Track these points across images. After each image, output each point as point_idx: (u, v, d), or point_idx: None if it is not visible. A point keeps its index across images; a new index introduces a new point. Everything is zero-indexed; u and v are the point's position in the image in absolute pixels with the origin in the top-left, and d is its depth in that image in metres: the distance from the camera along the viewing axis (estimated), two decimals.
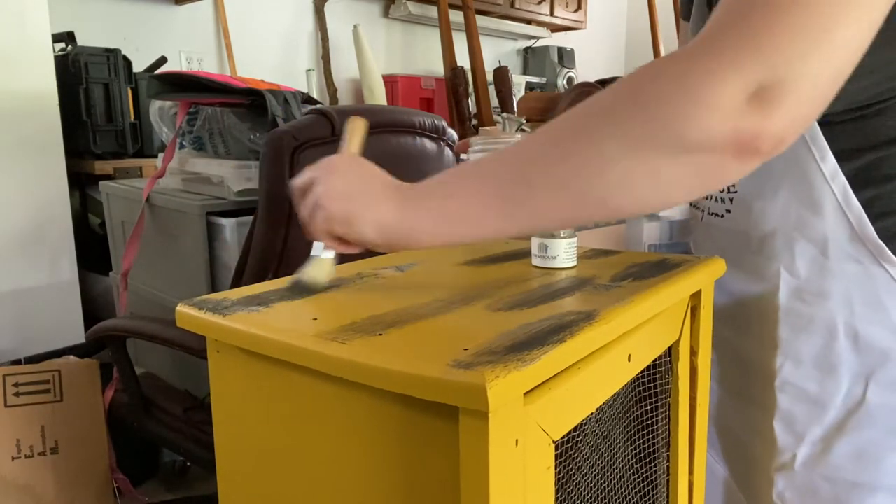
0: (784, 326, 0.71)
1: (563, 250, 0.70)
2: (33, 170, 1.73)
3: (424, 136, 1.36)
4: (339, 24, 3.10)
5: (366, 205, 0.57)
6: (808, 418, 0.71)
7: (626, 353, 0.57)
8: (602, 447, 0.59)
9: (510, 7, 3.56)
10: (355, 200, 0.57)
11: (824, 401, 0.70)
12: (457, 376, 0.40)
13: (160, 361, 1.54)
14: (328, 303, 0.59)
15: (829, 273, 0.68)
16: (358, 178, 0.59)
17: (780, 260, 0.70)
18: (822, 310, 0.69)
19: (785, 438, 0.73)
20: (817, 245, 0.68)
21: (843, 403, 0.70)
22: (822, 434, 0.71)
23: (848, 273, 0.67)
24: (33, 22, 1.69)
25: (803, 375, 0.71)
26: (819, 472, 0.72)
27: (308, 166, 0.62)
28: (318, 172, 0.60)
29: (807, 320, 0.70)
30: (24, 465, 1.38)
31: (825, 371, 0.70)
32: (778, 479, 0.74)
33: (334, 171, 0.60)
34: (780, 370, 0.72)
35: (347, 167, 0.61)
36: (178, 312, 0.57)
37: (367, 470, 0.49)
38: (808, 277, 0.69)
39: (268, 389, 0.55)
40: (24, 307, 1.73)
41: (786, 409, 0.73)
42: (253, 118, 1.45)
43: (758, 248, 0.73)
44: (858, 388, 0.69)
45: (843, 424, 0.70)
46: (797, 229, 0.69)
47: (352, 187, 0.58)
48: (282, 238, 1.15)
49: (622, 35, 4.85)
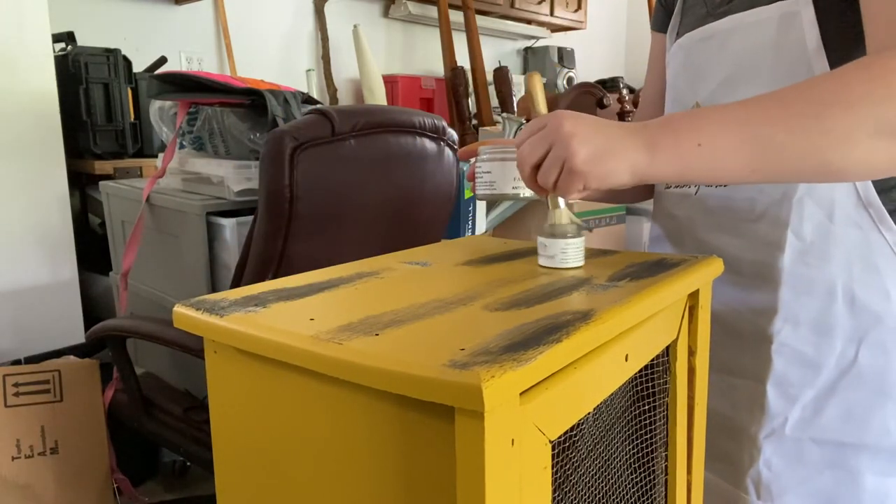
0: (786, 289, 0.74)
1: (572, 250, 0.68)
2: (33, 170, 1.73)
3: (424, 136, 1.36)
4: (339, 24, 3.10)
5: (619, 158, 0.59)
6: (802, 381, 0.75)
7: (624, 352, 0.57)
8: (599, 447, 0.59)
9: (510, 7, 3.56)
10: (608, 158, 0.59)
11: (819, 363, 0.74)
12: (453, 376, 0.40)
13: (160, 361, 1.54)
14: (325, 303, 0.59)
15: (832, 237, 0.72)
16: (598, 135, 0.60)
17: (788, 224, 0.73)
18: (823, 273, 0.72)
19: (777, 403, 0.76)
20: (824, 209, 0.71)
21: (836, 365, 0.73)
22: (814, 396, 0.74)
23: (850, 238, 0.71)
24: (33, 22, 1.70)
25: (800, 338, 0.74)
26: (808, 434, 0.75)
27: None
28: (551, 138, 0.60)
29: (808, 283, 0.73)
30: (24, 465, 1.38)
31: (822, 333, 0.73)
32: (766, 445, 0.77)
33: (573, 135, 0.59)
34: (779, 333, 0.75)
35: (580, 126, 0.60)
36: (175, 313, 0.58)
37: (364, 470, 0.49)
38: (813, 241, 0.72)
39: (265, 390, 0.55)
40: (24, 307, 1.74)
41: (780, 373, 0.75)
42: (253, 118, 1.45)
43: (761, 214, 0.75)
44: (851, 350, 0.72)
45: (835, 386, 0.73)
46: (807, 193, 0.72)
47: (598, 145, 0.59)
48: (282, 238, 1.15)
49: (622, 35, 4.85)
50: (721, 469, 0.81)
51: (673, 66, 0.89)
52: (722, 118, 0.60)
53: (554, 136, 0.60)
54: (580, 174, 0.59)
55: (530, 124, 0.64)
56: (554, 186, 0.62)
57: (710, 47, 0.81)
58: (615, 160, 0.59)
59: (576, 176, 0.60)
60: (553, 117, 0.62)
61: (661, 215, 0.90)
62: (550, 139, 0.61)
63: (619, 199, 1.02)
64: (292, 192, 1.13)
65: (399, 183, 1.33)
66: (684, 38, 0.86)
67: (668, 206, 0.88)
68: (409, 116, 1.33)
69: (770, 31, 0.73)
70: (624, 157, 0.59)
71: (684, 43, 0.86)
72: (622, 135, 0.60)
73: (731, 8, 0.78)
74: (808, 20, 0.70)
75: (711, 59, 0.81)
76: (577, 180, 0.60)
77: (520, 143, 0.64)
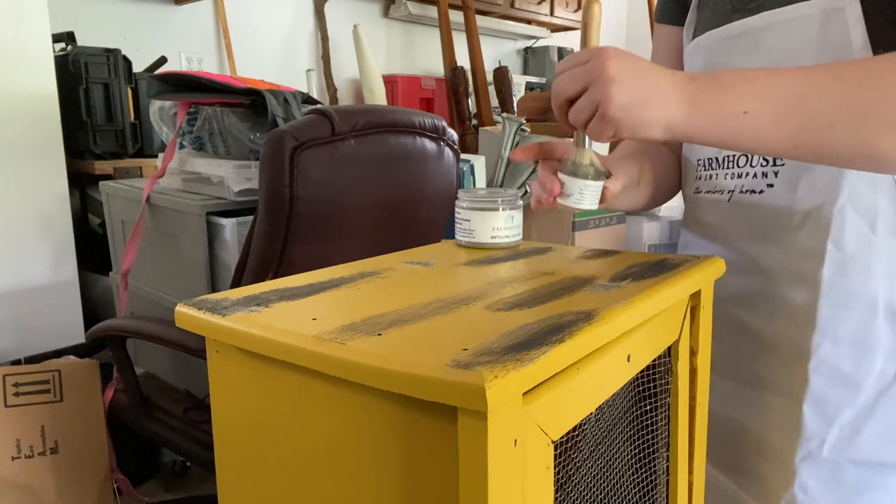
0: (825, 303, 0.70)
1: (589, 192, 0.67)
2: (33, 170, 1.73)
3: (424, 136, 1.36)
4: (339, 24, 3.10)
5: (655, 111, 0.57)
6: (841, 400, 0.70)
7: (626, 353, 0.57)
8: (601, 447, 0.59)
9: (510, 7, 3.56)
10: (644, 108, 0.57)
11: (858, 381, 0.69)
12: (455, 376, 0.40)
13: (160, 361, 1.54)
14: (327, 303, 0.59)
15: (875, 248, 0.68)
16: (639, 83, 0.57)
17: (828, 234, 0.69)
18: (864, 286, 0.68)
19: (814, 423, 0.71)
20: (867, 218, 0.68)
21: (875, 384, 0.69)
22: (853, 416, 0.70)
23: (892, 249, 0.67)
24: (33, 22, 1.69)
25: (840, 355, 0.70)
26: (847, 456, 0.71)
27: (558, 69, 0.61)
28: (592, 76, 0.58)
29: (848, 296, 0.69)
30: (24, 465, 1.38)
31: (862, 350, 0.69)
32: (802, 469, 0.73)
33: (613, 79, 0.57)
34: (817, 350, 0.71)
35: (624, 68, 0.57)
36: (177, 312, 0.57)
37: (366, 470, 0.49)
38: (854, 253, 0.68)
39: (267, 390, 0.55)
40: (24, 307, 1.73)
41: (818, 392, 0.71)
42: (253, 118, 1.45)
43: (800, 223, 0.71)
44: (891, 368, 0.68)
45: (874, 405, 0.69)
46: (849, 202, 0.68)
47: (636, 93, 0.57)
48: (282, 238, 1.15)
49: (622, 35, 4.85)
50: (755, 490, 0.78)
51: (690, 68, 0.84)
52: (772, 85, 0.57)
53: (594, 75, 0.57)
54: (612, 121, 0.57)
55: (576, 54, 0.61)
56: (584, 126, 0.60)
57: (739, 46, 0.76)
58: (651, 112, 0.57)
59: (608, 122, 0.58)
60: (600, 53, 0.58)
61: (692, 221, 0.86)
62: (590, 77, 0.58)
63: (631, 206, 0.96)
64: (292, 192, 1.13)
65: (399, 183, 1.33)
66: (704, 37, 0.80)
67: (698, 212, 0.84)
68: (409, 116, 1.33)
69: (811, 27, 0.68)
70: (662, 111, 0.57)
71: (704, 42, 0.80)
72: (666, 87, 0.58)
73: (765, 3, 0.73)
74: (854, 16, 0.65)
75: (742, 60, 0.75)
76: (609, 127, 0.58)
77: (560, 72, 0.61)
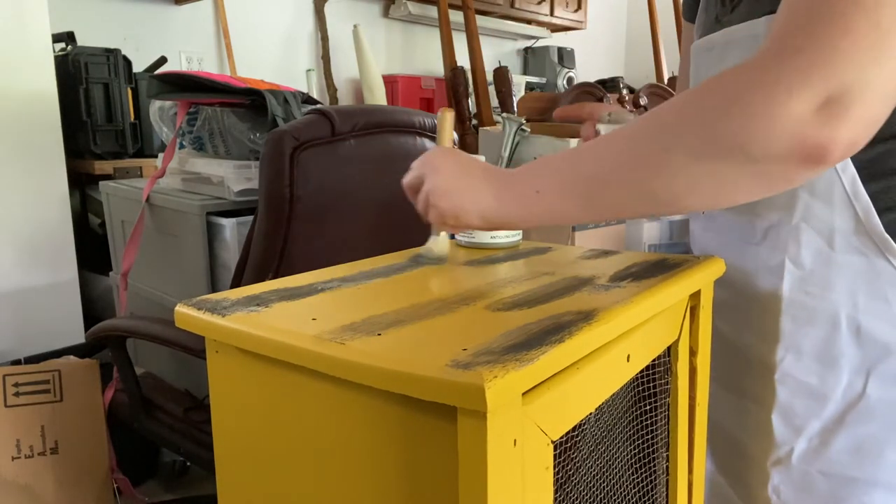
0: (786, 318, 0.71)
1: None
2: (33, 170, 1.73)
3: (424, 136, 1.36)
4: (339, 24, 3.10)
5: (470, 199, 0.63)
6: (808, 412, 0.71)
7: (626, 353, 0.57)
8: (601, 447, 0.59)
9: (510, 7, 3.56)
10: (460, 196, 0.64)
11: (824, 394, 0.70)
12: (455, 376, 0.40)
13: (160, 361, 1.54)
14: (327, 303, 0.59)
15: (834, 265, 0.68)
16: (459, 174, 0.65)
17: (786, 251, 0.70)
18: (825, 302, 0.69)
19: (783, 432, 0.73)
20: (823, 236, 0.68)
21: (842, 397, 0.70)
22: (821, 428, 0.71)
23: (853, 265, 0.67)
24: (33, 22, 1.70)
25: (804, 368, 0.71)
26: (816, 467, 0.72)
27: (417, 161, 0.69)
28: (424, 170, 0.67)
29: (810, 312, 0.70)
30: (24, 465, 1.38)
31: (826, 364, 0.70)
32: (774, 473, 0.74)
33: (437, 170, 0.66)
34: (781, 363, 0.72)
35: (447, 163, 0.66)
36: (177, 312, 0.58)
37: (366, 470, 0.49)
38: (812, 269, 0.69)
39: (267, 389, 0.55)
40: (24, 307, 1.74)
41: (785, 403, 0.72)
42: (253, 118, 1.45)
43: (761, 238, 0.73)
44: (859, 382, 0.69)
45: (843, 418, 0.70)
46: (804, 219, 0.69)
47: (455, 183, 0.64)
48: (282, 238, 1.15)
49: (622, 35, 4.85)
50: (739, 491, 0.80)
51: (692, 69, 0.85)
52: (558, 163, 0.62)
53: (426, 169, 0.66)
54: (437, 207, 0.64)
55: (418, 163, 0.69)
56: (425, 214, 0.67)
57: (710, 59, 0.77)
58: (466, 201, 0.63)
59: (433, 209, 0.65)
60: (435, 151, 0.68)
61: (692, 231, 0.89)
62: (423, 171, 0.67)
63: None
64: (292, 192, 1.13)
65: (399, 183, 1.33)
66: (694, 45, 0.82)
67: (693, 223, 0.87)
68: (409, 116, 1.33)
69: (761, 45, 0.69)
70: (475, 201, 0.63)
71: (694, 50, 0.82)
72: (479, 180, 0.64)
73: (731, 18, 0.73)
74: None
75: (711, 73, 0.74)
76: (436, 213, 0.65)
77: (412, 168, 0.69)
